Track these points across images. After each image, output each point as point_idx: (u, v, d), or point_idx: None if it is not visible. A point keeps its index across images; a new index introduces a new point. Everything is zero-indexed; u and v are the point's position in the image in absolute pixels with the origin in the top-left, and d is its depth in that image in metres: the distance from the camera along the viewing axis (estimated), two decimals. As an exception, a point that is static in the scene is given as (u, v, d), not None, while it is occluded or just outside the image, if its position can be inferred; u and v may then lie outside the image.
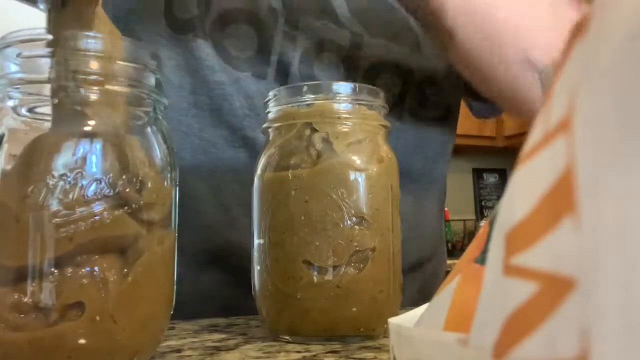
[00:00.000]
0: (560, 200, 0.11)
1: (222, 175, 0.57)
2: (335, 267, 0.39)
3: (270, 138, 0.44)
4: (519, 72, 0.54)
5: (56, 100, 0.30)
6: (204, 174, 0.56)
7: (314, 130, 0.41)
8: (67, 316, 0.28)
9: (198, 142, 0.56)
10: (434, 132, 0.65)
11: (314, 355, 0.35)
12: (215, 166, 0.57)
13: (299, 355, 0.35)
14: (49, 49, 0.30)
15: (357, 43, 0.59)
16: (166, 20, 0.56)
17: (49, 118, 0.31)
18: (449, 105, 0.66)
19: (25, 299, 0.28)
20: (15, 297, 0.28)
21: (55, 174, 0.29)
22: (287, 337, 0.40)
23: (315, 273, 0.39)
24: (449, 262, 0.77)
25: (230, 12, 0.57)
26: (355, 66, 0.59)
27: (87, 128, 0.30)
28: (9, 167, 0.30)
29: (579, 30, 0.12)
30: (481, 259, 0.18)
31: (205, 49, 0.56)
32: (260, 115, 0.57)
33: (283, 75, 0.58)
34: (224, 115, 0.56)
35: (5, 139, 0.30)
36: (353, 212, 0.40)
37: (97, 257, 0.29)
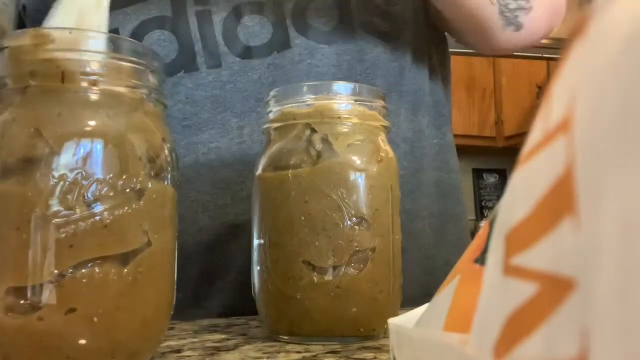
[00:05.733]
0: (560, 201, 0.11)
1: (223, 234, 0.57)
2: (335, 268, 0.39)
3: (271, 138, 0.44)
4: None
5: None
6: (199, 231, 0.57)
7: (314, 131, 0.41)
8: (67, 316, 0.28)
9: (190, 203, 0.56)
10: (393, 47, 0.62)
11: (314, 356, 0.35)
12: (217, 227, 0.57)
13: (299, 356, 0.35)
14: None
15: None
16: None
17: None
18: (405, 18, 0.62)
19: (25, 300, 0.28)
20: (15, 297, 0.28)
21: (55, 174, 0.29)
22: (287, 337, 0.40)
23: (315, 273, 0.39)
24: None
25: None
26: None
27: (87, 128, 0.30)
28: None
29: (578, 30, 0.12)
30: (481, 259, 0.18)
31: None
32: (246, 167, 0.56)
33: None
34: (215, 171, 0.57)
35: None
36: (353, 212, 0.40)
37: (97, 257, 0.29)
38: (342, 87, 0.43)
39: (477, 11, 0.57)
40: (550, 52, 3.29)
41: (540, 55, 3.31)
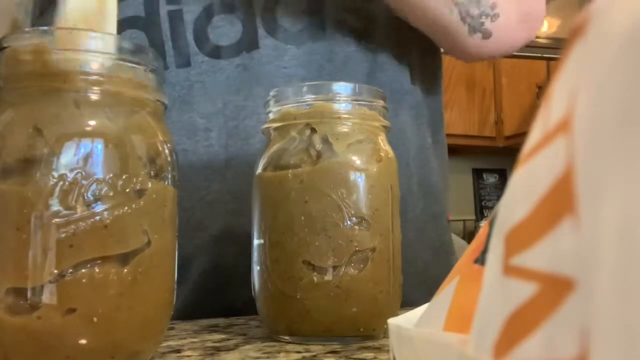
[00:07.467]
0: (559, 201, 0.11)
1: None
2: (335, 267, 0.39)
3: (271, 138, 0.44)
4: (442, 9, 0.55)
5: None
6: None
7: (314, 131, 0.41)
8: (67, 316, 0.28)
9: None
10: (366, 45, 0.60)
11: (314, 356, 0.35)
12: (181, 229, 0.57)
13: (299, 356, 0.35)
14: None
15: None
16: None
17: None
18: (380, 15, 0.61)
19: (25, 300, 0.28)
20: (15, 297, 0.28)
21: (55, 174, 0.29)
22: (287, 337, 0.40)
23: (315, 273, 0.39)
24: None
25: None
26: None
27: (87, 128, 0.30)
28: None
29: (578, 30, 0.12)
30: (481, 260, 0.19)
31: None
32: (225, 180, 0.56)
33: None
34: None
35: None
36: (353, 212, 0.40)
37: (97, 257, 0.29)
38: (342, 87, 0.43)
39: (437, 20, 0.56)
40: (550, 52, 3.29)
41: (540, 55, 3.31)
